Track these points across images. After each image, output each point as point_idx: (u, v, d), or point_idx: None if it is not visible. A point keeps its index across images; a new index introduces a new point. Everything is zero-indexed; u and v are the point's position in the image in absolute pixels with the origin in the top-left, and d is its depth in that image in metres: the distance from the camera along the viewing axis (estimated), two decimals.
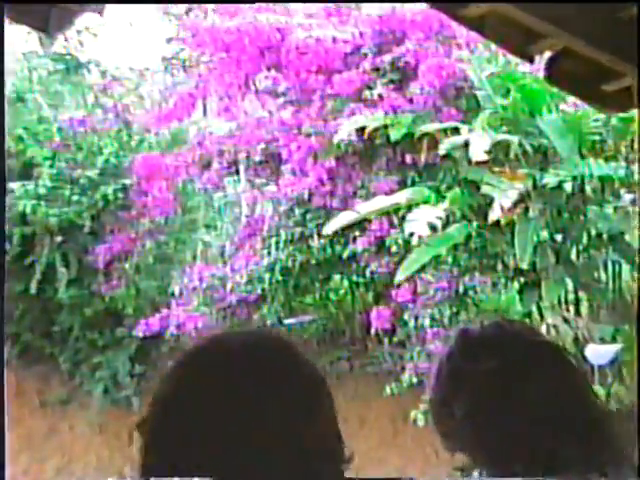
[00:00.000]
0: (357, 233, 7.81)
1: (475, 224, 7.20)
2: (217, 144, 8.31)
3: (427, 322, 7.25)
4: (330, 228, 7.60)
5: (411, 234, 6.87)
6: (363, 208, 7.52)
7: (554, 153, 7.02)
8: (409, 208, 7.17)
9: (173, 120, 8.76)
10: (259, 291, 7.99)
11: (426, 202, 7.15)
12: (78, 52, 10.33)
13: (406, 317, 7.44)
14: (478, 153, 6.67)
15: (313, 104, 8.00)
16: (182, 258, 8.86)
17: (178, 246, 9.07)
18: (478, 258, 7.42)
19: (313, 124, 7.89)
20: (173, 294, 8.39)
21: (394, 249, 7.56)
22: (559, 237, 6.92)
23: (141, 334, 8.29)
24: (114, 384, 8.94)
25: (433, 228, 6.86)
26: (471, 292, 7.46)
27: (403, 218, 7.21)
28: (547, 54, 2.93)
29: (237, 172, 8.46)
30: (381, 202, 7.45)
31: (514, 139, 6.92)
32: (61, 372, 9.04)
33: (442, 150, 7.05)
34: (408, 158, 7.67)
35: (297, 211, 8.11)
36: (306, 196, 7.91)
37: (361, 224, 7.77)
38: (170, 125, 8.95)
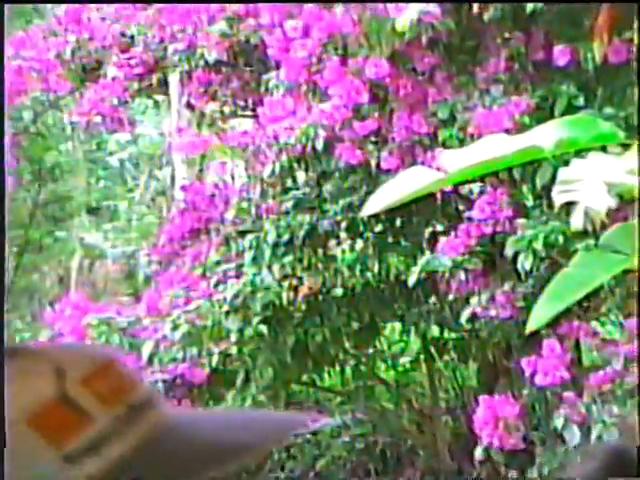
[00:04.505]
0: (438, 227, 8.28)
1: None
2: (118, 20, 9.03)
3: (609, 434, 7.40)
4: (374, 205, 7.25)
5: (566, 210, 6.46)
6: (452, 162, 7.11)
7: None
8: (565, 162, 6.72)
9: None
10: (215, 358, 8.37)
11: (601, 146, 6.76)
12: None
13: (559, 423, 7.53)
14: None
15: None
16: (34, 283, 9.06)
17: (26, 255, 9.17)
18: None
19: None
20: None
21: (527, 259, 7.50)
22: None
23: None
24: None
25: (620, 202, 6.65)
26: None
27: (547, 189, 7.10)
28: None
29: (165, 85, 9.00)
30: (495, 148, 7.08)
31: None
32: None
33: None
34: (558, 52, 7.88)
35: (301, 176, 8.56)
36: (321, 143, 8.07)
37: (447, 203, 8.28)
38: None
